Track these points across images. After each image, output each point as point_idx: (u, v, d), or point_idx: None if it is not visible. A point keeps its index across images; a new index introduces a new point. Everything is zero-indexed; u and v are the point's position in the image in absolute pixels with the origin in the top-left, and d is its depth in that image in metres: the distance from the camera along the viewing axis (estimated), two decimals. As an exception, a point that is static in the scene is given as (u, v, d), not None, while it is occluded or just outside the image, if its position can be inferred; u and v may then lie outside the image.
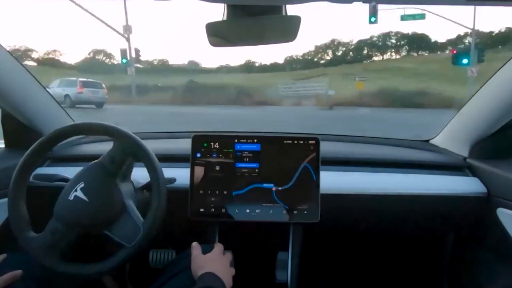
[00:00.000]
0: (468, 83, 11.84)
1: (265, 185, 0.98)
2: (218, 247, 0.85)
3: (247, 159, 0.99)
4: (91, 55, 50.22)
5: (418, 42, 45.78)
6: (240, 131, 1.07)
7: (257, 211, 0.97)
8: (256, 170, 0.99)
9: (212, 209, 0.98)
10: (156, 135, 1.44)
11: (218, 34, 0.67)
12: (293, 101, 16.76)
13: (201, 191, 0.98)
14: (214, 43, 0.70)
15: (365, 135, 1.43)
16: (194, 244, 0.84)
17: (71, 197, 0.79)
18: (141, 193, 0.91)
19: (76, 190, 0.79)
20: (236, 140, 1.00)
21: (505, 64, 0.93)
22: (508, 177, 0.96)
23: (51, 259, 0.78)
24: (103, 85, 13.35)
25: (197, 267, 0.76)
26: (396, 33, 47.97)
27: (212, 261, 0.78)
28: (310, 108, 14.74)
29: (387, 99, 15.98)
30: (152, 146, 0.84)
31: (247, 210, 0.98)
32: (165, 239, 1.06)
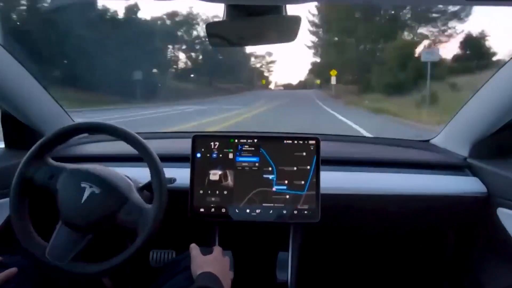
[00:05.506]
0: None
1: (265, 184, 0.98)
2: (218, 249, 0.85)
3: (248, 153, 0.99)
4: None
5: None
6: (240, 131, 1.07)
7: (257, 211, 0.97)
8: (257, 164, 0.99)
9: (212, 209, 0.98)
10: (157, 135, 1.45)
11: (218, 34, 0.67)
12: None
13: (201, 191, 0.98)
14: (214, 43, 0.70)
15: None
16: (193, 245, 0.84)
17: (85, 197, 0.79)
18: (142, 193, 0.91)
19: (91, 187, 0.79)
20: (236, 140, 1.00)
21: (505, 64, 0.93)
22: (508, 177, 0.96)
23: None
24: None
25: (196, 267, 0.76)
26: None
27: (212, 262, 0.78)
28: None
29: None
30: (153, 146, 0.84)
31: (247, 210, 0.98)
32: (165, 239, 1.06)
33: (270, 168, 0.99)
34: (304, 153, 0.99)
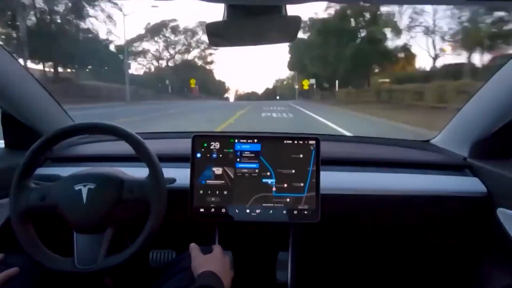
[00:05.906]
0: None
1: (265, 185, 0.98)
2: (218, 248, 0.85)
3: (247, 159, 0.99)
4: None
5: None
6: (240, 131, 1.07)
7: (257, 211, 0.97)
8: (256, 171, 0.99)
9: (212, 209, 0.98)
10: (157, 135, 1.45)
11: (218, 34, 0.67)
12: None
13: (201, 191, 0.98)
14: (214, 43, 0.70)
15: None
16: (192, 245, 0.84)
17: (85, 197, 0.79)
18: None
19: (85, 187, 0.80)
20: (236, 140, 1.00)
21: (505, 64, 0.93)
22: (508, 177, 0.96)
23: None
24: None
25: (197, 266, 0.76)
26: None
27: (212, 261, 0.79)
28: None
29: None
30: (152, 146, 0.85)
31: (247, 211, 0.98)
32: (165, 239, 1.06)
33: (268, 173, 0.99)
34: (302, 155, 0.99)
